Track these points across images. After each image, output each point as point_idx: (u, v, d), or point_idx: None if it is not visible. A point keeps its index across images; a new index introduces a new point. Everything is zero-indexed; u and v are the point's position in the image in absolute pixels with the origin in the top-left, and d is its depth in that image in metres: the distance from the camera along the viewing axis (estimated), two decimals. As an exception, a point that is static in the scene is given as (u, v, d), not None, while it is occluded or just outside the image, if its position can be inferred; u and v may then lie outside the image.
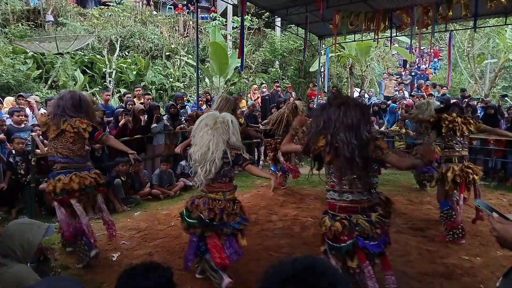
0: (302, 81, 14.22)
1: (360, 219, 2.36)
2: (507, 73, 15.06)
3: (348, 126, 2.24)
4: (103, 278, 3.41)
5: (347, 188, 2.38)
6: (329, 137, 2.27)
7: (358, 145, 2.23)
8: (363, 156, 2.24)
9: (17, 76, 10.18)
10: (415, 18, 7.21)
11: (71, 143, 3.57)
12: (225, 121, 3.05)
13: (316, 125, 2.38)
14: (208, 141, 2.96)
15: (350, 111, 2.27)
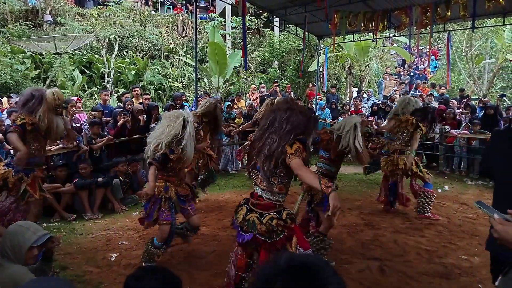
0: (301, 81, 14.22)
1: (252, 216, 2.49)
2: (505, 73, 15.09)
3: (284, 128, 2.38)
4: (101, 278, 3.40)
5: (258, 182, 2.58)
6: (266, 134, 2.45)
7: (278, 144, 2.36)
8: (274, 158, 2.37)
9: (15, 76, 10.16)
10: (413, 18, 7.21)
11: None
12: (175, 116, 3.41)
13: (264, 123, 2.53)
14: (157, 127, 3.45)
15: (293, 116, 2.41)
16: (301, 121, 2.41)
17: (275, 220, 2.43)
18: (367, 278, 3.46)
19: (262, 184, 2.49)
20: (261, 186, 2.50)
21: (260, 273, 0.90)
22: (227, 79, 12.82)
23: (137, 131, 6.56)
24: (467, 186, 7.39)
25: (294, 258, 0.89)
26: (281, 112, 2.45)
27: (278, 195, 2.48)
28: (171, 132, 3.31)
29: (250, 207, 2.54)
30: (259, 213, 2.48)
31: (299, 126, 2.40)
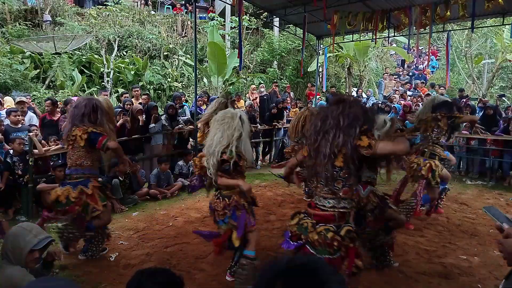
0: (300, 81, 14.23)
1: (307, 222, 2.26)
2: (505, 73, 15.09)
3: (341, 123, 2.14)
4: (100, 279, 3.40)
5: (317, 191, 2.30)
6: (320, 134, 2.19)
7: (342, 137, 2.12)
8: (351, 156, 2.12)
9: (15, 76, 10.15)
10: (413, 18, 7.22)
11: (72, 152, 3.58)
12: (231, 116, 3.04)
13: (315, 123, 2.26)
14: (213, 135, 3.01)
15: (347, 108, 2.18)
16: (358, 111, 2.17)
17: (331, 233, 2.13)
18: (366, 278, 3.46)
19: (323, 192, 2.20)
20: (322, 194, 2.21)
21: (261, 274, 0.90)
22: (226, 79, 12.82)
23: (137, 131, 6.56)
24: (466, 186, 7.40)
25: (295, 259, 0.89)
26: (332, 108, 2.22)
27: (344, 201, 2.19)
28: (235, 135, 2.98)
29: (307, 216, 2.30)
30: (315, 221, 2.22)
31: (359, 117, 2.16)
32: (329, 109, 2.25)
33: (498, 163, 7.78)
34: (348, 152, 2.10)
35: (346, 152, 2.10)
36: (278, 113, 9.02)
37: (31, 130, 5.60)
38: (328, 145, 2.12)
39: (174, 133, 7.24)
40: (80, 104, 3.57)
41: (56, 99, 7.00)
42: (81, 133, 3.48)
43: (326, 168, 2.13)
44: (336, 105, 2.23)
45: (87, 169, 3.62)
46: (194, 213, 5.44)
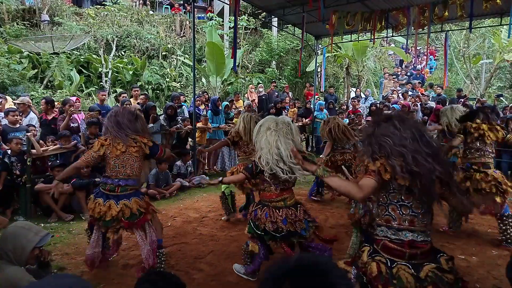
0: (299, 81, 14.24)
1: (403, 270, 1.80)
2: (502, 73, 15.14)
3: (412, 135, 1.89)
4: (99, 279, 3.39)
5: (407, 225, 1.89)
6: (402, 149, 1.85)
7: (431, 152, 1.87)
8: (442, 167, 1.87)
9: (13, 76, 10.12)
10: (411, 19, 7.23)
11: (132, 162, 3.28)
12: (286, 122, 2.97)
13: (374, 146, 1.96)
14: (275, 142, 2.86)
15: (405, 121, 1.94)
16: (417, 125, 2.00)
17: (451, 261, 1.95)
18: (365, 278, 3.47)
19: (421, 224, 1.88)
20: (419, 228, 1.88)
21: (269, 273, 0.90)
22: (225, 79, 12.81)
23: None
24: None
25: (303, 258, 0.89)
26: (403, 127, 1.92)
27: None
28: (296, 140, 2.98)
29: (411, 262, 1.84)
30: (433, 262, 1.87)
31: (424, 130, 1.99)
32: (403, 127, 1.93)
33: (496, 163, 7.79)
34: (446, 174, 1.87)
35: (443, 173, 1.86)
36: (277, 113, 9.04)
37: (29, 130, 5.59)
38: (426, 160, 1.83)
39: (172, 133, 7.23)
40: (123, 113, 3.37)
41: (51, 99, 6.98)
42: (146, 141, 3.34)
43: (431, 195, 1.85)
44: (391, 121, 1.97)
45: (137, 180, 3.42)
46: (192, 213, 5.44)
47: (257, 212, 3.06)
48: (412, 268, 1.80)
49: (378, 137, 1.94)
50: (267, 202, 3.05)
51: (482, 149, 4.18)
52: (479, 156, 4.18)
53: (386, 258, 1.87)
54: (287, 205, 3.02)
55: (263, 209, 3.03)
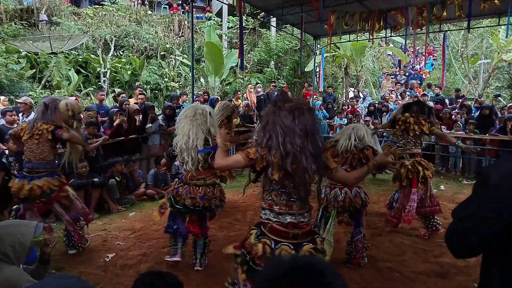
0: (297, 81, 14.24)
1: (285, 250, 1.96)
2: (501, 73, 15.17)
3: (304, 133, 1.93)
4: (98, 279, 3.38)
5: (287, 210, 2.00)
6: (287, 146, 1.91)
7: (314, 152, 1.95)
8: (318, 167, 1.98)
9: (10, 76, 10.08)
10: (409, 19, 7.25)
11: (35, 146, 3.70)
12: (204, 113, 3.28)
13: (266, 133, 1.99)
14: (188, 131, 3.23)
15: (305, 115, 1.96)
16: (314, 121, 2.02)
17: (322, 241, 2.13)
18: (363, 278, 3.47)
19: (301, 209, 2.01)
20: (300, 211, 2.01)
21: (264, 274, 0.90)
22: (223, 79, 12.81)
23: (133, 131, 6.55)
24: (462, 185, 7.43)
25: (298, 260, 0.90)
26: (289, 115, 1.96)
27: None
28: (212, 130, 3.28)
29: (293, 242, 1.98)
30: (310, 241, 2.03)
31: (317, 128, 2.04)
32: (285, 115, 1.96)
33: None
34: (319, 171, 2.01)
35: (319, 171, 2.01)
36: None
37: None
38: (306, 160, 1.92)
39: (171, 133, 7.22)
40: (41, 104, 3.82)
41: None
42: (47, 126, 3.68)
43: (306, 187, 1.96)
44: (292, 112, 1.96)
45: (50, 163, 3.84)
46: (191, 213, 5.42)
47: (178, 189, 3.42)
48: (294, 248, 1.96)
49: (273, 126, 1.96)
50: (189, 181, 3.38)
51: (410, 140, 4.53)
52: (406, 146, 4.56)
53: (271, 239, 2.00)
54: (206, 184, 3.37)
55: (184, 187, 3.39)
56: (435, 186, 7.17)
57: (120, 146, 6.43)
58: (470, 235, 1.23)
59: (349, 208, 3.51)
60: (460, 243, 1.29)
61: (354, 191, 3.50)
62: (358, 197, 3.49)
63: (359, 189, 3.53)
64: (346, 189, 3.51)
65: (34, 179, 3.64)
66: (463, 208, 1.30)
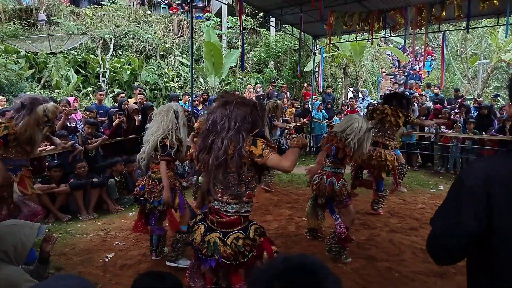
0: (296, 81, 14.24)
1: (213, 237, 2.12)
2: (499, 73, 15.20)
3: (227, 128, 2.05)
4: (97, 279, 3.38)
5: (218, 196, 2.16)
6: (209, 141, 2.10)
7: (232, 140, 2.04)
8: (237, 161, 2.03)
9: (9, 76, 10.06)
10: (409, 19, 7.25)
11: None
12: (168, 109, 3.41)
13: (205, 128, 2.18)
14: (152, 126, 3.43)
15: (233, 110, 2.08)
16: (245, 114, 2.08)
17: (242, 240, 2.09)
18: (362, 277, 3.47)
19: (225, 197, 2.12)
20: (224, 199, 2.12)
21: (257, 274, 0.90)
22: (223, 79, 12.80)
23: (133, 131, 6.54)
24: (461, 185, 7.44)
25: (291, 259, 0.89)
26: (219, 110, 2.12)
27: (247, 204, 2.16)
28: (169, 126, 3.35)
29: (210, 225, 2.17)
30: (221, 232, 2.12)
31: (246, 120, 2.08)
32: (217, 111, 2.13)
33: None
34: (239, 160, 2.02)
35: (236, 159, 2.02)
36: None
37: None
38: (216, 154, 2.04)
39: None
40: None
41: (55, 99, 6.96)
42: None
43: (219, 175, 2.07)
44: (223, 106, 2.12)
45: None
46: (190, 213, 5.42)
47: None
48: (222, 235, 2.11)
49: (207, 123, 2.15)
50: (152, 172, 3.58)
51: (385, 131, 4.89)
52: (380, 136, 4.92)
53: (206, 225, 2.19)
54: (153, 178, 3.52)
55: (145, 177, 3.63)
56: (435, 186, 7.19)
57: (119, 146, 6.43)
58: (450, 242, 1.23)
59: (324, 194, 3.77)
60: (440, 251, 1.29)
61: (330, 180, 3.73)
62: (329, 186, 3.70)
63: (337, 180, 3.73)
64: (323, 176, 3.78)
65: None
66: (439, 216, 1.30)
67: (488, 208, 1.14)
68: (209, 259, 2.09)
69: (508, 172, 1.16)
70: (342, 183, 3.74)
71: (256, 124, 2.11)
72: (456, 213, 1.20)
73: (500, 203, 1.13)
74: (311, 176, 3.77)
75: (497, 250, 1.15)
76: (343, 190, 3.71)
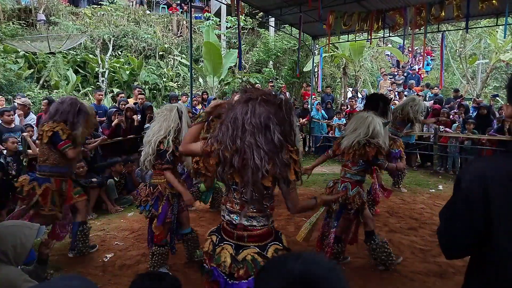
0: (296, 81, 14.24)
1: (225, 250, 1.83)
2: (498, 73, 15.22)
3: (257, 127, 1.73)
4: (96, 280, 3.37)
5: (238, 208, 1.85)
6: (238, 142, 1.74)
7: (269, 150, 1.72)
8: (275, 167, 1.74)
9: (8, 76, 10.06)
10: (408, 19, 7.25)
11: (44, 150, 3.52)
12: (171, 109, 3.24)
13: (222, 126, 1.83)
14: (153, 126, 3.24)
15: (259, 107, 1.76)
16: (268, 115, 1.75)
17: (281, 251, 1.87)
18: (362, 277, 3.47)
19: (251, 211, 1.84)
20: (249, 213, 1.84)
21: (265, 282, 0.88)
22: (222, 79, 12.80)
23: (132, 131, 6.53)
24: (461, 185, 7.45)
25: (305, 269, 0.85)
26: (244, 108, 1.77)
27: (271, 217, 1.95)
28: (171, 126, 3.18)
29: (237, 243, 1.84)
30: (256, 247, 1.83)
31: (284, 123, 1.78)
32: (243, 109, 1.78)
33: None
34: (277, 172, 1.73)
35: (275, 171, 1.73)
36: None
37: (24, 130, 5.55)
38: (256, 160, 1.71)
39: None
40: (65, 102, 3.54)
41: (52, 99, 6.95)
42: (47, 129, 3.44)
43: (256, 187, 1.75)
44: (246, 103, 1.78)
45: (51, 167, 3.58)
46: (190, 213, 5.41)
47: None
48: (235, 248, 1.83)
49: (228, 119, 1.79)
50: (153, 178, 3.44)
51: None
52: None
53: (218, 236, 1.92)
54: (151, 183, 3.37)
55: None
56: (434, 186, 7.19)
57: (118, 146, 6.42)
58: (456, 234, 1.26)
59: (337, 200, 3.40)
60: (448, 243, 1.31)
61: (344, 185, 3.47)
62: (343, 192, 3.42)
63: (352, 186, 3.44)
64: (347, 183, 3.47)
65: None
66: (446, 209, 1.34)
67: (485, 209, 1.14)
68: (246, 281, 1.75)
69: (506, 172, 1.16)
70: (358, 190, 3.43)
71: (284, 129, 1.78)
72: (455, 213, 1.24)
73: (498, 204, 1.14)
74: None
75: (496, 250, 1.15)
76: (356, 198, 3.41)
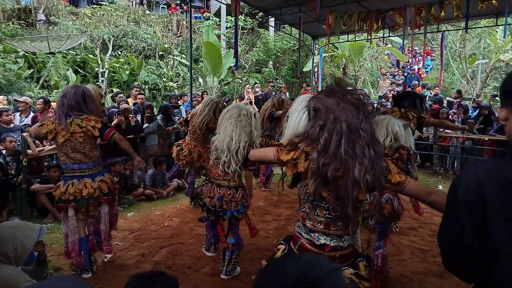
0: (296, 81, 14.25)
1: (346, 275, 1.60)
2: (498, 73, 15.23)
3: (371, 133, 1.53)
4: (95, 280, 3.37)
5: (322, 227, 1.61)
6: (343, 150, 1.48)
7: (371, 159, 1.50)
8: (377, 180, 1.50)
9: (8, 76, 10.06)
10: (407, 19, 7.26)
11: (81, 145, 3.26)
12: (249, 114, 3.16)
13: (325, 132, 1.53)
14: (231, 132, 3.07)
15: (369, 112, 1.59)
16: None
17: (368, 268, 1.69)
18: (362, 278, 3.47)
19: (339, 230, 1.59)
20: (338, 232, 1.59)
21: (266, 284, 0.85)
22: (222, 79, 12.80)
23: (131, 131, 6.53)
24: (460, 185, 7.45)
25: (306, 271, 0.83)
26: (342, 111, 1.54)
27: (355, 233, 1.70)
28: (254, 133, 3.14)
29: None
30: (351, 267, 1.62)
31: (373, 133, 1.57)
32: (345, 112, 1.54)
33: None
34: (374, 181, 1.50)
35: (372, 181, 1.50)
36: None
37: (24, 130, 5.55)
38: (357, 171, 1.47)
39: (169, 133, 7.21)
40: (70, 93, 3.27)
41: (48, 99, 6.94)
42: (94, 123, 3.25)
43: (353, 200, 1.50)
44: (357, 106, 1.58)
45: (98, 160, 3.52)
46: (189, 213, 5.42)
47: (203, 187, 3.39)
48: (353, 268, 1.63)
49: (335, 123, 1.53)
50: (213, 179, 3.30)
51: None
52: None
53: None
54: (230, 186, 3.22)
55: (207, 185, 3.33)
56: (434, 186, 7.19)
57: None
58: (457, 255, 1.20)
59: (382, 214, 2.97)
60: (451, 265, 1.26)
61: (387, 196, 3.01)
62: (388, 204, 2.99)
63: (393, 196, 3.03)
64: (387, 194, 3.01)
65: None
66: (443, 230, 1.26)
67: (483, 215, 1.11)
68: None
69: (503, 177, 1.13)
70: (399, 201, 3.09)
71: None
72: (454, 227, 1.18)
73: (494, 210, 1.10)
74: None
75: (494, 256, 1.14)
76: (400, 210, 3.10)
